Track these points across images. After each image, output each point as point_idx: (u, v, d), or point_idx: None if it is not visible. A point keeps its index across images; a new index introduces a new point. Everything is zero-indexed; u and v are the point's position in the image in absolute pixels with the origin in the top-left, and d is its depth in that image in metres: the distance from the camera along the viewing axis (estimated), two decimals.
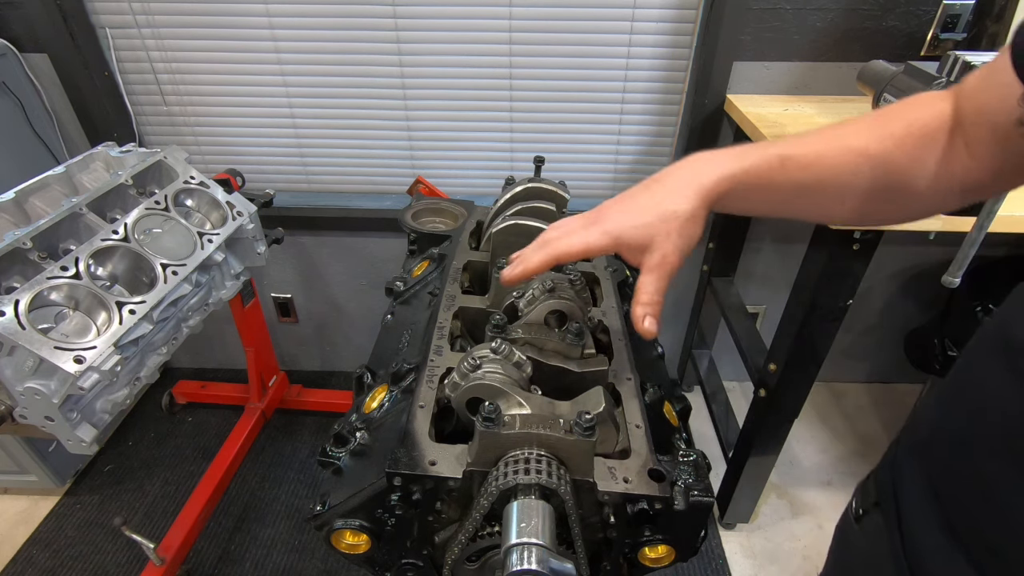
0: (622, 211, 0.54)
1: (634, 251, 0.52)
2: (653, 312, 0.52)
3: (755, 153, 0.51)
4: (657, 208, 0.51)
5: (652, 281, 0.51)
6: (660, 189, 0.53)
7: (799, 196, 0.52)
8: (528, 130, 1.61)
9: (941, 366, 1.44)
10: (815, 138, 0.51)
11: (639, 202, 0.53)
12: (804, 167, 0.50)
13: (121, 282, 1.03)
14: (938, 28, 1.32)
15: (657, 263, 0.51)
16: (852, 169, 0.50)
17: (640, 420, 0.61)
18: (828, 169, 0.50)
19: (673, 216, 0.50)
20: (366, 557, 0.62)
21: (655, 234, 0.51)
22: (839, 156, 0.50)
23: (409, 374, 0.68)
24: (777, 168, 0.50)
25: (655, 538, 0.57)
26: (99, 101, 1.55)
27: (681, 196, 0.51)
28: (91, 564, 1.49)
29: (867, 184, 0.50)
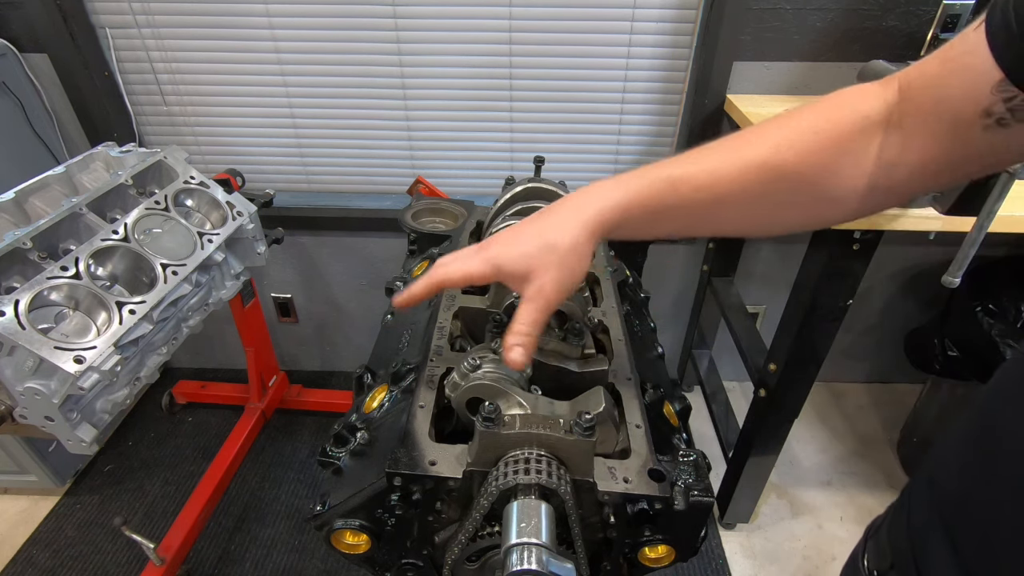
0: (506, 241, 0.53)
1: (515, 280, 0.52)
2: (524, 344, 0.51)
3: (643, 178, 0.50)
4: (538, 239, 0.51)
5: (527, 312, 0.51)
6: (545, 221, 0.52)
7: (701, 216, 0.50)
8: (528, 130, 1.61)
9: (941, 366, 1.44)
10: (711, 154, 0.49)
11: (524, 232, 0.52)
12: (698, 187, 0.48)
13: (121, 282, 1.03)
14: (938, 28, 1.32)
15: (533, 294, 0.51)
16: (752, 184, 0.47)
17: (640, 420, 0.61)
18: (725, 186, 0.48)
19: (551, 248, 0.50)
20: (366, 557, 0.62)
21: (535, 265, 0.50)
22: (735, 172, 0.47)
23: (409, 374, 0.68)
24: (668, 191, 0.49)
25: (655, 538, 0.57)
26: (99, 101, 1.55)
27: (563, 229, 0.50)
28: (91, 564, 1.49)
29: (770, 197, 0.47)
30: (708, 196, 0.48)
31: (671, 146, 1.62)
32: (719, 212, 0.50)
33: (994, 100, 0.37)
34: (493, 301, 0.75)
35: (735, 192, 0.48)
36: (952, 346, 1.40)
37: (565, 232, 0.50)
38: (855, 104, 0.46)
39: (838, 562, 1.50)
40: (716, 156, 0.49)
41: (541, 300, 0.51)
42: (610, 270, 0.86)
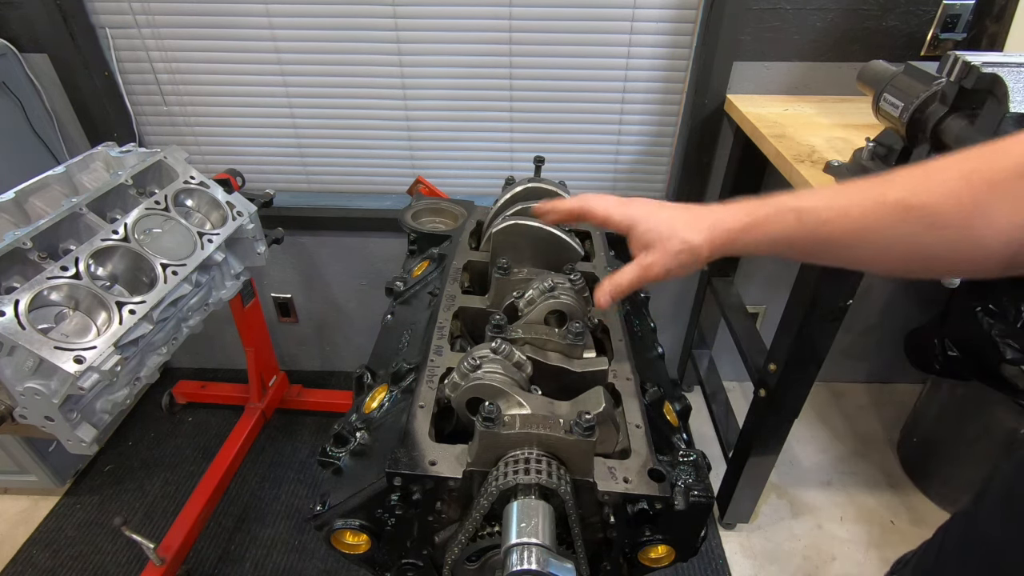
0: (649, 211, 0.61)
1: (637, 243, 0.60)
2: (614, 294, 0.61)
3: (771, 206, 0.53)
4: (673, 224, 0.58)
5: (631, 273, 0.60)
6: (685, 214, 0.59)
7: (826, 250, 0.50)
8: (528, 130, 1.61)
9: (941, 366, 1.44)
10: (843, 190, 0.50)
11: (666, 212, 0.60)
12: (824, 221, 0.49)
13: (121, 282, 1.03)
14: (938, 28, 1.32)
15: (645, 263, 0.59)
16: (886, 222, 0.46)
17: (640, 420, 0.61)
18: (854, 222, 0.47)
19: (680, 240, 0.57)
20: (366, 557, 0.62)
21: (659, 242, 0.58)
22: (867, 208, 0.47)
23: (409, 374, 0.68)
24: (794, 222, 0.51)
25: (655, 538, 0.57)
26: (99, 101, 1.55)
27: (694, 230, 0.57)
28: (91, 564, 1.49)
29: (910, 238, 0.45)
30: (835, 230, 0.49)
31: (671, 146, 1.62)
32: (846, 248, 0.49)
33: None
34: (493, 301, 0.75)
35: (865, 229, 0.47)
36: (952, 346, 1.40)
37: (694, 234, 0.56)
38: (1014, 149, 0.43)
39: (838, 562, 1.50)
40: (848, 192, 0.49)
41: (647, 272, 0.59)
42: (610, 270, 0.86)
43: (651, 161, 1.66)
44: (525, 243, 0.79)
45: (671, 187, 1.69)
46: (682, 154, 1.59)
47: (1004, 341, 1.23)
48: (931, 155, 0.89)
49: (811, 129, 1.25)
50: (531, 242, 0.79)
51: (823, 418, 1.92)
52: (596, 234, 0.95)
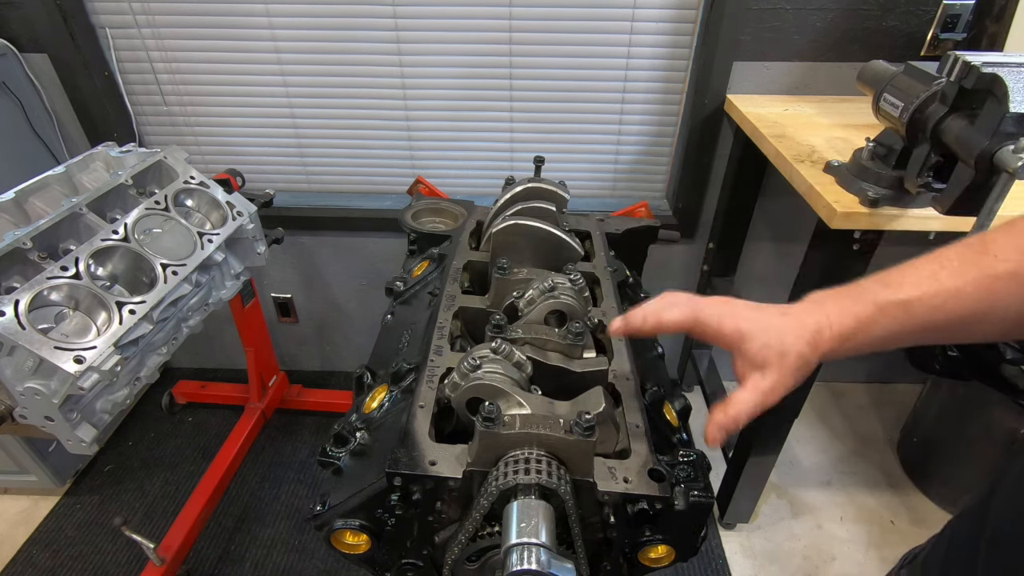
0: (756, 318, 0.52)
1: (751, 362, 0.51)
2: (731, 429, 0.51)
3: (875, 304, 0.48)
4: (784, 336, 0.50)
5: (752, 402, 0.50)
6: (790, 321, 0.51)
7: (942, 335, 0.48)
8: (528, 130, 1.61)
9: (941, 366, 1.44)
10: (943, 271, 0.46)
11: (771, 321, 0.51)
12: (935, 308, 0.46)
13: (121, 282, 1.03)
14: (938, 28, 1.32)
15: (765, 388, 0.50)
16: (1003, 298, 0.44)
17: (640, 420, 0.61)
18: (971, 305, 0.45)
19: (797, 355, 0.50)
20: (366, 557, 0.62)
21: (777, 360, 0.50)
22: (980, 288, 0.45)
23: (409, 374, 0.68)
24: (904, 317, 0.47)
25: (655, 538, 0.57)
26: (99, 101, 1.55)
27: (804, 341, 0.50)
28: (91, 564, 1.49)
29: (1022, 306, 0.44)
30: (950, 316, 0.46)
31: (671, 146, 1.62)
32: (964, 328, 0.47)
33: None
34: (493, 301, 0.75)
35: (982, 308, 0.45)
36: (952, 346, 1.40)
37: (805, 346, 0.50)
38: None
39: (838, 562, 1.50)
40: (951, 271, 0.46)
41: (768, 398, 0.50)
42: (610, 270, 0.86)
43: (651, 161, 1.66)
44: (525, 243, 0.79)
45: (671, 187, 1.69)
46: (682, 154, 1.59)
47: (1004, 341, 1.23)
48: (931, 155, 0.88)
49: (811, 129, 1.25)
50: (531, 242, 0.79)
51: (823, 418, 1.92)
52: (596, 234, 0.95)
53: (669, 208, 1.72)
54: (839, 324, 0.49)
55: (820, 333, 0.49)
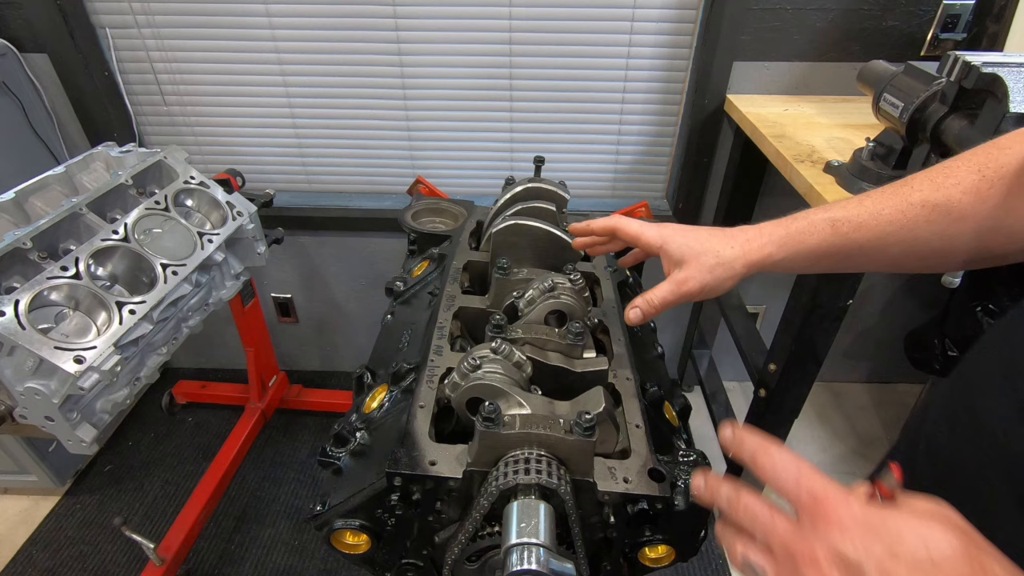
0: (681, 230, 0.60)
1: (669, 260, 0.59)
2: (645, 312, 0.59)
3: (804, 220, 0.55)
4: (707, 242, 0.57)
5: (666, 290, 0.58)
6: (720, 233, 0.59)
7: (861, 254, 0.53)
8: (528, 130, 1.61)
9: (941, 366, 1.43)
10: (869, 198, 0.53)
11: (697, 232, 0.60)
12: (858, 226, 0.52)
13: (121, 282, 1.03)
14: (938, 28, 1.32)
15: (679, 279, 0.57)
16: (916, 223, 0.50)
17: (640, 420, 0.61)
18: (885, 226, 0.51)
19: (715, 253, 0.56)
20: (366, 557, 0.62)
21: (692, 259, 0.57)
22: (897, 211, 0.51)
23: (409, 374, 0.68)
24: (829, 231, 0.53)
25: (655, 538, 0.57)
26: (99, 101, 1.55)
27: (728, 246, 0.57)
28: (91, 564, 1.49)
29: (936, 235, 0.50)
30: (869, 235, 0.52)
31: (671, 146, 1.62)
32: (879, 250, 0.53)
33: None
34: (493, 301, 0.75)
35: (896, 230, 0.51)
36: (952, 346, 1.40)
37: (730, 249, 0.57)
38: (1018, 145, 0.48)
39: None
40: (875, 198, 0.53)
41: (681, 288, 0.57)
42: (610, 270, 0.86)
43: (651, 161, 1.66)
44: (525, 243, 0.79)
45: (671, 187, 1.69)
46: (682, 154, 1.59)
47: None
48: (931, 155, 0.89)
49: (811, 129, 1.25)
50: (531, 242, 0.79)
51: (823, 418, 1.92)
52: None
53: (669, 208, 1.72)
54: (770, 234, 0.56)
55: (750, 242, 0.56)
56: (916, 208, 0.50)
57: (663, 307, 0.59)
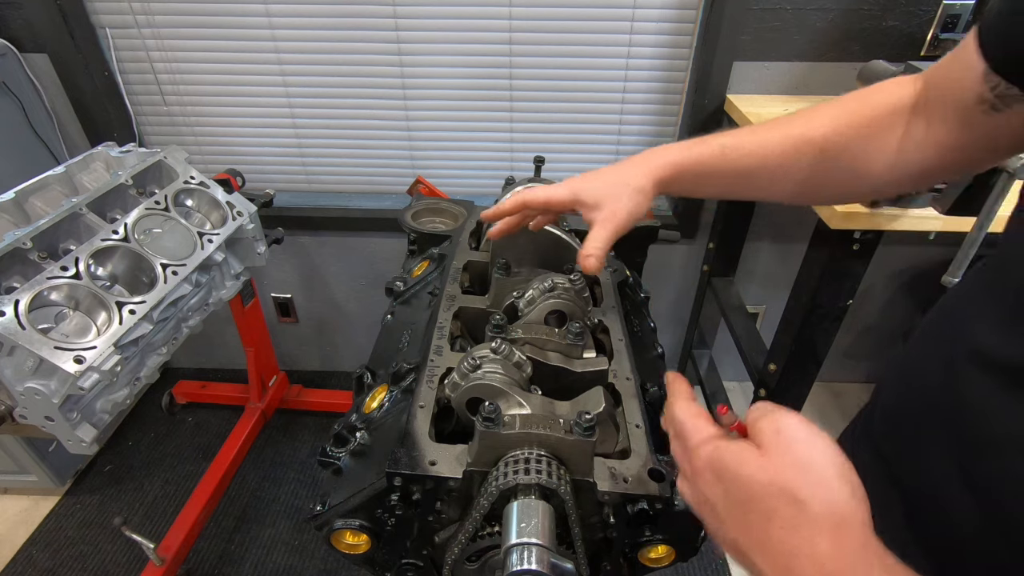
0: (585, 178, 0.64)
1: (588, 208, 0.62)
2: (596, 255, 0.60)
3: (701, 144, 0.60)
4: (612, 177, 0.62)
5: (599, 232, 0.60)
6: (618, 167, 0.62)
7: (740, 180, 0.59)
8: (528, 130, 1.61)
9: None
10: (759, 129, 0.58)
11: (600, 173, 0.63)
12: (745, 154, 0.57)
13: (121, 282, 1.03)
14: (938, 28, 1.32)
15: (606, 217, 0.60)
16: (792, 154, 0.55)
17: (640, 420, 0.61)
18: (768, 156, 0.56)
19: (624, 184, 0.60)
20: (366, 557, 0.62)
21: (608, 196, 0.61)
22: (779, 143, 0.56)
23: (409, 374, 0.67)
24: (718, 155, 0.58)
25: (655, 538, 0.57)
26: (99, 101, 1.55)
27: (633, 172, 0.61)
28: (91, 564, 1.49)
29: (808, 167, 0.55)
30: (753, 162, 0.57)
31: None
32: (761, 177, 0.58)
33: (984, 88, 0.44)
34: (493, 301, 0.75)
35: (776, 160, 0.56)
36: None
37: (635, 175, 0.60)
38: (890, 90, 0.53)
39: None
40: (763, 130, 0.58)
41: (611, 223, 0.60)
42: (610, 270, 0.86)
43: None
44: (525, 243, 0.79)
45: None
46: None
47: None
48: None
49: None
50: (531, 242, 0.79)
51: (823, 418, 1.92)
52: None
53: (669, 208, 1.72)
54: (668, 154, 0.60)
55: (651, 162, 0.60)
56: (793, 140, 0.55)
57: (606, 245, 0.60)
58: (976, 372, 0.42)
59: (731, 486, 0.35)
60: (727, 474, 0.35)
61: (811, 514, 0.31)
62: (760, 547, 0.33)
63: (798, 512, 0.31)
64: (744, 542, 0.34)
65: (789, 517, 0.31)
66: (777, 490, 0.32)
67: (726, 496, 0.35)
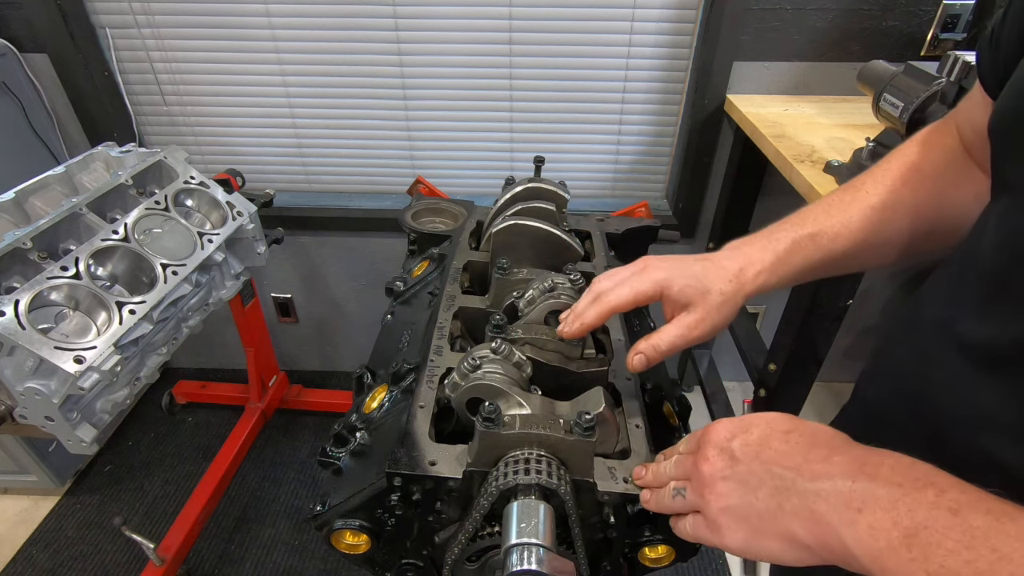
0: (672, 268, 0.56)
1: (675, 304, 0.55)
2: (651, 358, 0.55)
3: (787, 237, 0.55)
4: (706, 279, 0.54)
5: (674, 334, 0.54)
6: (711, 265, 0.56)
7: (839, 262, 0.56)
8: (528, 130, 1.61)
9: None
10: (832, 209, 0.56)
11: (692, 268, 0.55)
12: (834, 237, 0.54)
13: (121, 282, 1.03)
14: (938, 28, 1.32)
15: (689, 323, 0.54)
16: (879, 224, 0.53)
17: (640, 420, 0.61)
18: (856, 232, 0.54)
19: (718, 292, 0.54)
20: (366, 557, 0.62)
21: (700, 298, 0.54)
22: (862, 217, 0.54)
23: (409, 374, 0.67)
24: (810, 247, 0.55)
25: (655, 538, 0.57)
26: (99, 101, 1.55)
27: (726, 279, 0.54)
28: (91, 564, 1.49)
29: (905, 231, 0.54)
30: (845, 243, 0.54)
31: (671, 146, 1.62)
32: (853, 256, 0.55)
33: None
34: (493, 301, 0.75)
35: (868, 236, 0.54)
36: None
37: (728, 285, 0.55)
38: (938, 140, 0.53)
39: None
40: (838, 207, 0.55)
41: (693, 333, 0.54)
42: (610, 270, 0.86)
43: (651, 161, 1.66)
44: (525, 243, 0.79)
45: (671, 187, 1.69)
46: (682, 154, 1.59)
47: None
48: None
49: (811, 129, 1.25)
50: (531, 242, 0.79)
51: (823, 418, 1.92)
52: (596, 234, 0.95)
53: (669, 208, 1.72)
54: (760, 261, 0.55)
55: (743, 272, 0.55)
56: (876, 212, 0.54)
57: (670, 352, 0.55)
58: (953, 355, 0.44)
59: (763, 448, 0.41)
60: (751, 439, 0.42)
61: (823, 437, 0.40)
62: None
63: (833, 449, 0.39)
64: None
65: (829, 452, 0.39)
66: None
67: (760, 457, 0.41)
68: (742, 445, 0.42)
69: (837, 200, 0.56)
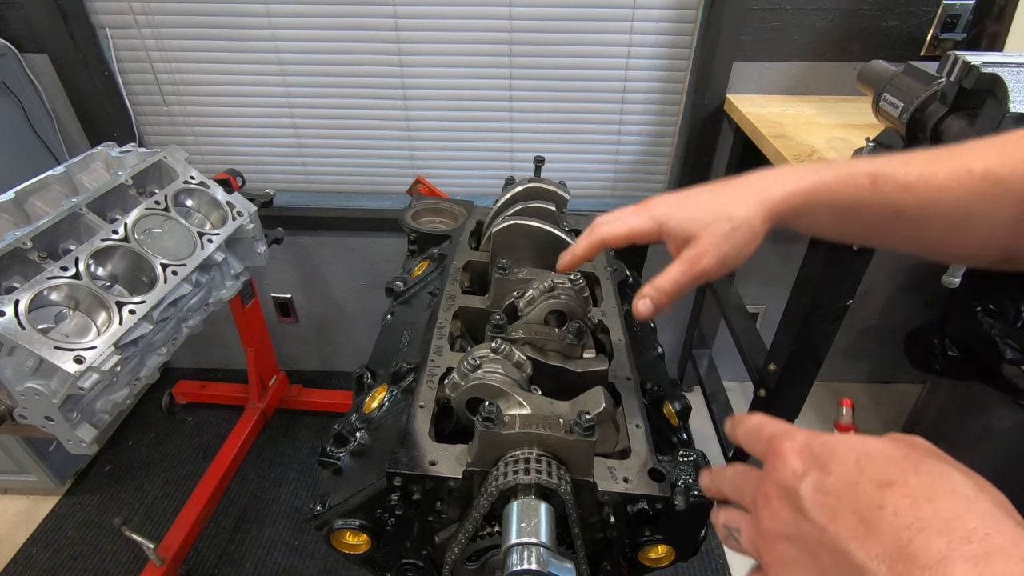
0: (674, 202, 0.50)
1: (676, 241, 0.49)
2: (656, 300, 0.48)
3: (840, 169, 0.45)
4: (713, 206, 0.47)
5: (677, 272, 0.48)
6: (723, 190, 0.48)
7: (896, 222, 0.44)
8: (528, 130, 1.61)
9: (941, 366, 1.43)
10: (922, 156, 0.44)
11: (697, 198, 0.49)
12: (903, 187, 0.43)
13: (121, 282, 1.03)
14: (938, 28, 1.32)
15: (691, 257, 0.47)
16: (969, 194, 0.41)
17: (640, 420, 0.61)
18: (935, 192, 0.42)
19: (726, 218, 0.46)
20: (366, 557, 0.62)
21: (702, 231, 0.47)
22: (951, 177, 0.42)
23: (409, 374, 0.67)
24: (866, 187, 0.44)
25: (655, 538, 0.57)
26: (99, 101, 1.55)
27: (742, 201, 0.46)
28: (91, 564, 1.49)
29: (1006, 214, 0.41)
30: (912, 199, 0.43)
31: (671, 146, 1.62)
32: (918, 221, 0.44)
33: None
34: (493, 301, 0.75)
35: (944, 199, 0.42)
36: (952, 346, 1.40)
37: (744, 205, 0.46)
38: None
39: None
40: (929, 158, 0.43)
41: (696, 267, 0.47)
42: (610, 270, 0.86)
43: (651, 161, 1.66)
44: (525, 243, 0.79)
45: (671, 187, 1.69)
46: (682, 154, 1.59)
47: (1004, 341, 1.23)
48: None
49: (811, 129, 1.25)
50: (531, 242, 0.79)
51: (823, 418, 1.92)
52: None
53: None
54: (796, 181, 0.45)
55: (769, 191, 0.46)
56: (976, 179, 0.41)
57: (676, 292, 0.48)
58: None
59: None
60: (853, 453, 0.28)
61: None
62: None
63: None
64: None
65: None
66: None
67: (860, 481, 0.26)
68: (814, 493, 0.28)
69: (927, 153, 0.44)
